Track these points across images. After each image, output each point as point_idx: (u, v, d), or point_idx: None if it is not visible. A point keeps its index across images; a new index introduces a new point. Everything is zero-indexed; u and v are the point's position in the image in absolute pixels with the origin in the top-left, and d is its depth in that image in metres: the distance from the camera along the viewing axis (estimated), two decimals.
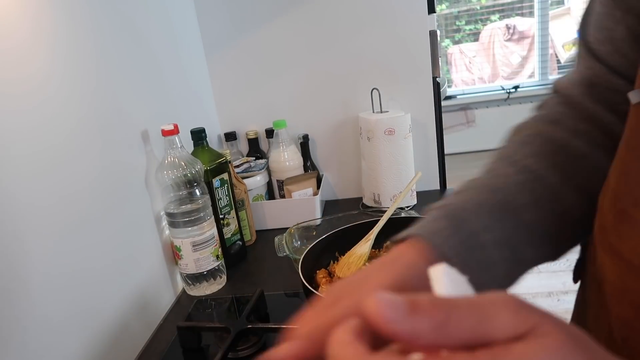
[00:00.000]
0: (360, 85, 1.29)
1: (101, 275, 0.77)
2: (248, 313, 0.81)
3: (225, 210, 1.05)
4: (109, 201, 0.80)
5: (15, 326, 0.59)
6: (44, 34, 0.69)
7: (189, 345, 0.81)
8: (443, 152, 1.34)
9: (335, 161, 1.38)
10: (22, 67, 0.64)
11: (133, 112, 0.91)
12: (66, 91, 0.72)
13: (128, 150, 0.88)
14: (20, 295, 0.60)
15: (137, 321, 0.85)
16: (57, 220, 0.68)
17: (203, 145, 1.02)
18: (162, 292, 0.95)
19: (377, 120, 1.17)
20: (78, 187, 0.73)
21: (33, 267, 0.63)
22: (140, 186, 0.91)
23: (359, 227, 0.88)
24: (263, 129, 1.35)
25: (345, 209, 1.18)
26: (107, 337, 0.76)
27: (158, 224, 0.95)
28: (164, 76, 1.06)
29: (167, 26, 1.11)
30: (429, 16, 1.22)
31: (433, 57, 1.25)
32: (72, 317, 0.69)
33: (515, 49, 4.28)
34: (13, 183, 0.61)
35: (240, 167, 1.25)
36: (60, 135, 0.70)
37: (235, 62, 1.31)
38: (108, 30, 0.85)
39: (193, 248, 0.93)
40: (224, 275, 1.01)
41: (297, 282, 0.75)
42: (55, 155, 0.69)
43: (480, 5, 4.34)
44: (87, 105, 0.77)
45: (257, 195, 1.26)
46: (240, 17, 1.27)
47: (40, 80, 0.67)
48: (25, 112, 0.64)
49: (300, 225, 1.03)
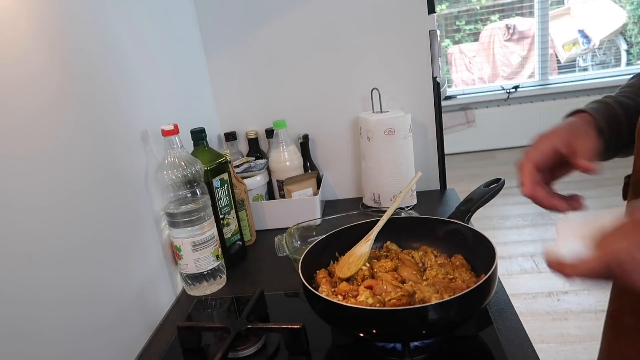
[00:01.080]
0: (360, 85, 1.29)
1: (101, 275, 0.77)
2: (248, 313, 0.81)
3: (225, 210, 1.05)
4: (109, 201, 0.80)
5: (15, 326, 0.59)
6: (43, 33, 0.69)
7: (189, 345, 0.81)
8: (443, 152, 1.35)
9: (335, 161, 1.37)
10: (20, 66, 0.64)
11: (133, 112, 0.91)
12: (65, 91, 0.72)
13: (128, 150, 0.88)
14: (20, 296, 0.60)
15: (137, 321, 0.85)
16: (57, 221, 0.68)
17: (203, 145, 1.02)
18: (162, 292, 0.95)
19: (377, 120, 1.17)
20: (77, 187, 0.73)
21: (32, 267, 0.63)
22: (140, 186, 0.91)
23: (359, 227, 0.88)
24: (263, 129, 1.35)
25: (345, 209, 1.18)
26: (107, 337, 0.76)
27: (158, 224, 0.95)
28: (164, 76, 1.06)
29: (167, 26, 1.11)
30: (429, 16, 1.22)
31: (433, 57, 1.25)
32: (71, 317, 0.69)
33: (515, 49, 4.28)
34: (12, 183, 0.61)
35: (240, 167, 1.25)
36: (60, 135, 0.70)
37: (235, 62, 1.31)
38: (108, 30, 0.85)
39: (193, 248, 0.93)
40: (224, 275, 1.01)
41: (297, 282, 0.75)
42: (55, 155, 0.69)
43: (480, 5, 4.34)
44: (86, 105, 0.77)
45: (257, 195, 1.26)
46: (240, 17, 1.27)
47: (39, 80, 0.67)
48: (23, 112, 0.64)
49: (300, 225, 1.03)
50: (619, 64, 4.24)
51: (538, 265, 2.47)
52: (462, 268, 0.79)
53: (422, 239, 0.88)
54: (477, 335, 0.73)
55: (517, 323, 0.76)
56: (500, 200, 2.68)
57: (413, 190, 1.25)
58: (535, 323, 2.04)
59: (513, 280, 2.38)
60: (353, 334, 0.72)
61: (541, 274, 2.40)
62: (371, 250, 0.84)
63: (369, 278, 0.78)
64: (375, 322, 0.66)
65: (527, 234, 2.79)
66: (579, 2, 4.18)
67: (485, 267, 0.69)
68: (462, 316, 0.67)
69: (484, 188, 0.93)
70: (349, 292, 0.74)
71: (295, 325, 0.74)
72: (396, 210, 0.88)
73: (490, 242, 0.75)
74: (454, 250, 0.83)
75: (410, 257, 0.83)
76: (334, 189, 1.40)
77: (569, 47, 4.21)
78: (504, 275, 2.41)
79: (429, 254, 0.84)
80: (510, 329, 0.75)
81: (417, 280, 0.75)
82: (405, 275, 0.77)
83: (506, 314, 0.78)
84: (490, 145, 4.13)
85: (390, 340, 0.71)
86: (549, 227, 2.83)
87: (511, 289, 2.31)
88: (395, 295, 0.69)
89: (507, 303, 0.82)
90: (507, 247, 2.68)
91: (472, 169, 3.80)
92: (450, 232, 0.85)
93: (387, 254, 0.86)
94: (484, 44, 4.34)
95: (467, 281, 0.74)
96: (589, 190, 3.07)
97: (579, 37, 4.20)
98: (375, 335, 0.69)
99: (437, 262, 0.81)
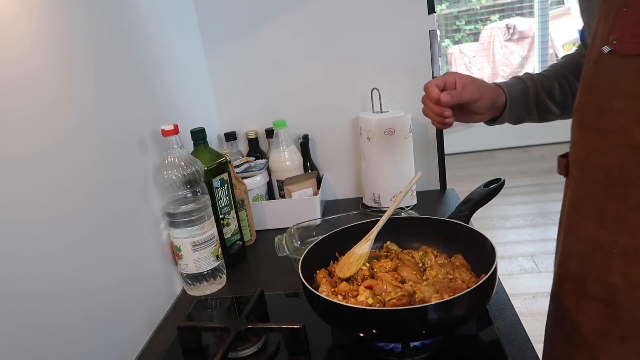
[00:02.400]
0: (360, 85, 1.29)
1: (101, 275, 0.77)
2: (248, 313, 0.81)
3: (225, 210, 1.05)
4: (109, 201, 0.80)
5: (14, 327, 0.59)
6: (43, 33, 0.69)
7: (189, 345, 0.81)
8: (443, 152, 1.35)
9: (335, 161, 1.37)
10: (19, 66, 0.64)
11: (133, 112, 0.91)
12: (65, 91, 0.72)
13: (128, 150, 0.88)
14: (19, 297, 0.60)
15: (137, 321, 0.85)
16: (56, 220, 0.68)
17: (203, 145, 1.02)
18: (162, 292, 0.95)
19: (377, 120, 1.17)
20: (77, 187, 0.73)
21: (32, 268, 0.63)
22: (140, 186, 0.91)
23: (359, 227, 0.88)
24: (263, 129, 1.35)
25: (345, 209, 1.18)
26: (107, 337, 0.76)
27: (158, 224, 0.95)
28: (164, 76, 1.06)
29: (167, 26, 1.11)
30: (429, 16, 1.22)
31: (433, 57, 1.25)
32: (71, 317, 0.69)
33: (515, 49, 4.28)
34: (11, 184, 0.61)
35: (240, 167, 1.25)
36: (60, 135, 0.70)
37: (235, 62, 1.31)
38: (108, 30, 0.85)
39: (193, 248, 0.93)
40: (224, 275, 1.01)
41: (297, 282, 0.75)
42: (55, 155, 0.69)
43: (480, 5, 4.34)
44: (86, 105, 0.77)
45: (257, 195, 1.26)
46: (240, 17, 1.27)
47: (39, 80, 0.67)
48: (23, 112, 0.64)
49: (300, 225, 1.03)
50: None
51: (538, 265, 2.47)
52: (462, 268, 0.79)
53: (422, 239, 0.88)
54: (477, 335, 0.73)
55: (517, 323, 0.76)
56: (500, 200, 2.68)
57: (413, 190, 1.25)
58: (535, 323, 2.03)
59: (513, 280, 2.38)
60: (353, 334, 0.72)
61: (541, 274, 2.40)
62: (371, 250, 0.84)
63: (369, 278, 0.78)
64: (375, 322, 0.66)
65: (527, 234, 2.79)
66: None
67: (485, 267, 0.69)
68: (462, 316, 0.67)
69: (484, 188, 0.93)
70: (349, 292, 0.74)
71: (295, 325, 0.74)
72: (396, 210, 0.88)
73: (490, 242, 0.75)
74: (454, 250, 0.83)
75: (410, 257, 0.83)
76: (334, 189, 1.40)
77: (569, 47, 4.21)
78: (504, 275, 2.41)
79: (429, 254, 0.84)
80: (510, 329, 0.75)
81: (417, 280, 0.75)
82: (405, 275, 0.77)
83: (506, 314, 0.78)
84: (490, 145, 4.13)
85: (390, 340, 0.71)
86: (549, 227, 2.83)
87: (511, 289, 2.31)
88: (395, 295, 0.69)
89: (507, 303, 0.82)
90: (507, 247, 2.68)
91: (472, 169, 3.81)
92: (450, 232, 0.85)
93: (387, 254, 0.86)
94: (484, 44, 4.34)
95: (467, 281, 0.74)
96: None
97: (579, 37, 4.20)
98: (375, 335, 0.69)
99: (437, 262, 0.81)
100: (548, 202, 3.12)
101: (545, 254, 2.56)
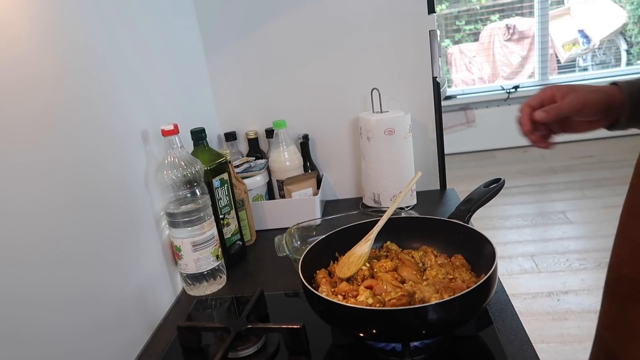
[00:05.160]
0: (360, 85, 1.29)
1: (101, 275, 0.77)
2: (248, 313, 0.81)
3: (225, 210, 1.05)
4: (109, 201, 0.80)
5: (15, 328, 0.59)
6: (42, 33, 0.69)
7: (189, 345, 0.81)
8: (443, 152, 1.35)
9: (335, 161, 1.38)
10: (19, 66, 0.64)
11: (133, 112, 0.91)
12: (65, 91, 0.72)
13: (128, 150, 0.88)
14: (20, 298, 0.60)
15: (137, 321, 0.85)
16: (56, 221, 0.68)
17: (203, 145, 1.02)
18: (162, 292, 0.95)
19: (377, 120, 1.17)
20: (77, 187, 0.73)
21: (32, 268, 0.63)
22: (140, 186, 0.91)
23: (359, 227, 0.88)
24: (263, 129, 1.35)
25: (345, 209, 1.18)
26: (107, 337, 0.76)
27: (158, 224, 0.95)
28: (164, 76, 1.06)
29: (167, 26, 1.11)
30: (429, 16, 1.22)
31: (433, 57, 1.25)
32: (71, 318, 0.69)
33: (515, 49, 4.28)
34: (10, 185, 0.60)
35: (240, 167, 1.25)
36: (60, 135, 0.70)
37: (235, 62, 1.31)
38: (108, 30, 0.85)
39: (193, 248, 0.93)
40: (224, 275, 1.01)
41: (297, 282, 0.75)
42: (55, 155, 0.69)
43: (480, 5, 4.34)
44: (86, 106, 0.77)
45: (257, 195, 1.26)
46: (240, 17, 1.27)
47: (38, 80, 0.67)
48: (22, 113, 0.64)
49: (300, 225, 1.03)
50: (619, 64, 4.24)
51: (538, 265, 2.47)
52: (462, 268, 0.79)
53: (422, 239, 0.88)
54: (477, 335, 0.73)
55: (517, 323, 0.76)
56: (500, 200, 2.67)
57: (413, 190, 1.25)
58: (535, 323, 2.04)
59: (513, 280, 2.38)
60: (353, 334, 0.72)
61: (541, 274, 2.39)
62: (371, 250, 0.84)
63: (369, 278, 0.78)
64: (375, 322, 0.66)
65: (527, 234, 2.79)
66: (579, 2, 4.18)
67: (485, 267, 0.69)
68: (462, 316, 0.67)
69: (484, 188, 0.93)
70: (349, 292, 0.74)
71: (295, 325, 0.74)
72: (396, 210, 0.88)
73: (490, 242, 0.75)
74: (454, 250, 0.84)
75: (410, 257, 0.83)
76: (334, 189, 1.40)
77: (569, 47, 4.21)
78: (504, 275, 2.41)
79: (429, 254, 0.84)
80: (510, 329, 0.75)
81: (417, 280, 0.75)
82: (405, 275, 0.77)
83: (506, 314, 0.78)
84: (490, 145, 4.13)
85: (390, 340, 0.71)
86: (549, 227, 2.83)
87: (511, 289, 2.31)
88: (395, 295, 0.69)
89: (507, 303, 0.82)
90: (507, 247, 2.68)
91: (472, 169, 3.80)
92: (450, 232, 0.85)
93: (387, 254, 0.86)
94: (484, 44, 4.34)
95: (467, 281, 0.74)
96: (588, 190, 3.08)
97: (579, 37, 4.20)
98: (375, 335, 0.69)
99: (437, 262, 0.81)
100: (548, 202, 3.12)
101: (546, 254, 2.56)
